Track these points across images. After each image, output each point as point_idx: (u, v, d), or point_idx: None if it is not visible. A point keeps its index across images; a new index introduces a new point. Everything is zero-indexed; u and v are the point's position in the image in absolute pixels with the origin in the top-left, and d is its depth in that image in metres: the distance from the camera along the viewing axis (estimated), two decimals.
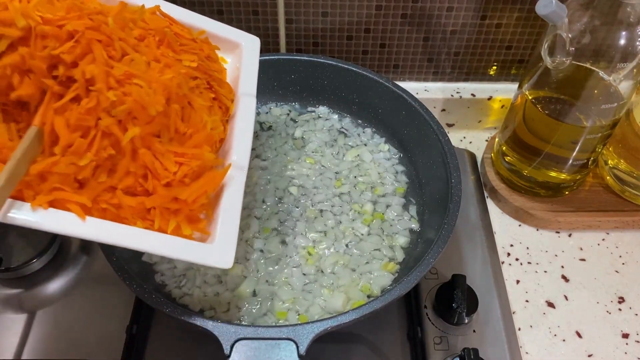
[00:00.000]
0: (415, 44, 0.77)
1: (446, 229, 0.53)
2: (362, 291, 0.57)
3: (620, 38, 0.55)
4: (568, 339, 0.62)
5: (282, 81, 0.72)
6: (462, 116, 0.83)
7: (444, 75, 0.81)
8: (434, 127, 0.62)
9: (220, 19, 0.73)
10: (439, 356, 0.57)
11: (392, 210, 0.65)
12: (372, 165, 0.69)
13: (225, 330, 0.46)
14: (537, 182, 0.71)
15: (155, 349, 0.58)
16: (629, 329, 0.63)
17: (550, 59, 0.58)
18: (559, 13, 0.53)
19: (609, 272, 0.68)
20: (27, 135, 0.40)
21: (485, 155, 0.78)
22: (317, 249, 0.60)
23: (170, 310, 0.47)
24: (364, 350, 0.59)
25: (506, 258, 0.69)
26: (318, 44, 0.77)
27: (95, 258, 0.66)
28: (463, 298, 0.58)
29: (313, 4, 0.71)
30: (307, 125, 0.73)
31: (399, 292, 0.49)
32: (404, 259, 0.61)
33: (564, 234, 0.72)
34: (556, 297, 0.66)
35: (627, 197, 0.72)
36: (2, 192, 0.37)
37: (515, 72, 0.81)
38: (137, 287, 0.48)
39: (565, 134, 0.64)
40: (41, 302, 0.62)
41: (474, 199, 0.73)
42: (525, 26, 0.74)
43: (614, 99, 0.60)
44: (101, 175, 0.42)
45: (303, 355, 0.45)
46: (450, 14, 0.73)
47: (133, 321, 0.58)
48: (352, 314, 0.47)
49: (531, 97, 0.65)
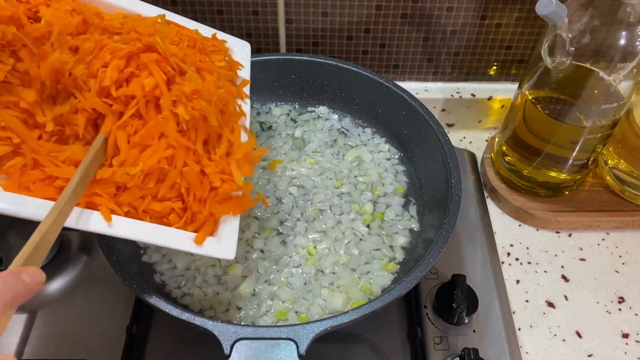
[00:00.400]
0: (415, 44, 0.77)
1: (446, 229, 0.53)
2: (362, 291, 0.57)
3: (620, 38, 0.55)
4: (568, 339, 0.62)
5: (282, 81, 0.72)
6: (462, 116, 0.83)
7: (444, 75, 0.81)
8: (434, 127, 0.62)
9: (220, 19, 0.73)
10: (439, 356, 0.57)
11: (392, 210, 0.65)
12: (372, 165, 0.69)
13: (225, 330, 0.46)
14: (537, 182, 0.71)
15: (155, 349, 0.58)
16: (629, 329, 0.63)
17: (550, 59, 0.58)
18: (559, 13, 0.53)
19: (609, 272, 0.68)
20: (95, 142, 0.43)
21: (485, 155, 0.78)
22: (317, 249, 0.60)
23: (170, 310, 0.47)
24: (364, 350, 0.59)
25: (506, 258, 0.69)
26: (318, 44, 0.77)
27: (95, 258, 0.66)
28: (463, 298, 0.58)
29: (313, 4, 0.71)
30: (307, 125, 0.73)
31: (399, 292, 0.49)
32: (404, 259, 0.61)
33: (564, 234, 0.72)
34: (556, 297, 0.66)
35: (627, 197, 0.72)
36: (76, 190, 0.40)
37: (515, 72, 0.81)
38: (137, 287, 0.48)
39: (565, 134, 0.64)
40: (41, 302, 0.62)
41: (474, 199, 0.73)
42: (525, 26, 0.74)
43: (614, 99, 0.60)
44: (149, 182, 0.44)
45: (303, 355, 0.45)
46: (450, 14, 0.73)
47: (133, 321, 0.58)
48: (352, 314, 0.47)
49: (531, 97, 0.65)
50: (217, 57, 0.53)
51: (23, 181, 0.41)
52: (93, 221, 0.42)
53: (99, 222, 0.42)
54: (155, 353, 0.58)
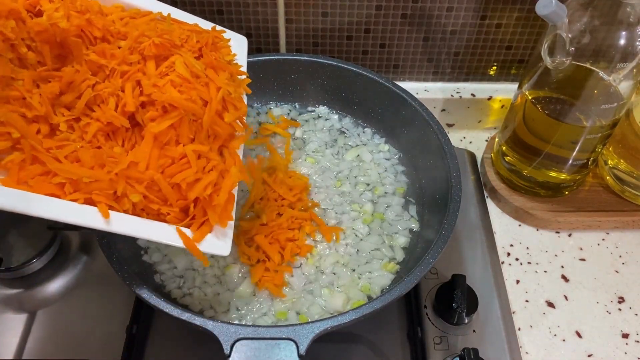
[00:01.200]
0: (415, 44, 0.77)
1: (446, 229, 0.53)
2: (362, 291, 0.57)
3: (620, 38, 0.55)
4: (568, 339, 0.62)
5: (282, 81, 0.72)
6: (462, 116, 0.83)
7: (444, 75, 0.81)
8: (434, 127, 0.62)
9: (220, 18, 0.73)
10: (439, 356, 0.57)
11: (392, 210, 0.65)
12: (372, 165, 0.69)
13: (225, 330, 0.46)
14: (537, 182, 0.71)
15: (155, 349, 0.58)
16: (629, 329, 0.63)
17: (550, 59, 0.58)
18: (559, 13, 0.53)
19: (609, 272, 0.68)
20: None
21: (485, 155, 0.78)
22: (317, 248, 0.60)
23: (170, 310, 0.47)
24: (364, 350, 0.59)
25: (506, 258, 0.69)
26: (318, 44, 0.77)
27: (95, 258, 0.66)
28: (463, 298, 0.58)
29: (313, 4, 0.71)
30: (307, 125, 0.73)
31: (399, 292, 0.49)
32: (404, 259, 0.61)
33: (564, 234, 0.72)
34: (556, 297, 0.66)
35: (627, 197, 0.72)
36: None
37: (515, 72, 0.81)
38: (137, 287, 0.48)
39: (565, 134, 0.64)
40: (41, 302, 0.62)
41: (474, 199, 0.73)
42: (525, 26, 0.74)
43: (614, 99, 0.60)
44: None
45: (303, 355, 0.45)
46: (450, 14, 0.73)
47: (133, 321, 0.58)
48: (352, 314, 0.47)
49: (531, 97, 0.65)
50: (224, 51, 0.54)
51: (22, 176, 0.41)
52: (90, 217, 0.42)
53: (97, 218, 0.42)
54: (155, 353, 0.58)
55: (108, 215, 0.42)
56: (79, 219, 0.41)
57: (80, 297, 0.62)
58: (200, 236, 0.45)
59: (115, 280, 0.49)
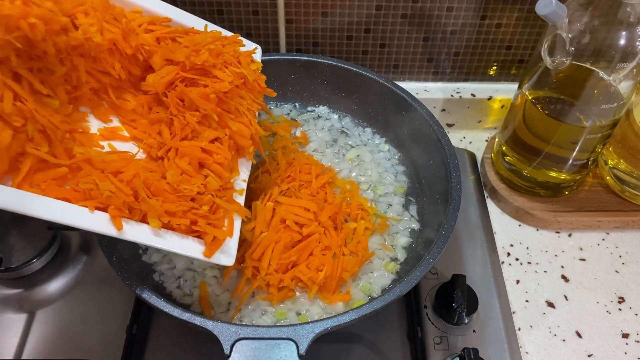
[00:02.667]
0: (415, 44, 0.77)
1: (446, 229, 0.53)
2: (362, 291, 0.57)
3: (620, 38, 0.55)
4: (568, 339, 0.62)
5: (282, 81, 0.72)
6: (462, 116, 0.83)
7: (444, 75, 0.81)
8: (434, 127, 0.62)
9: (221, 19, 0.73)
10: (439, 356, 0.57)
11: (392, 210, 0.65)
12: (372, 165, 0.69)
13: (225, 330, 0.46)
14: (537, 182, 0.71)
15: (155, 349, 0.58)
16: (629, 329, 0.63)
17: (550, 59, 0.58)
18: (559, 13, 0.53)
19: (609, 272, 0.68)
20: None
21: (485, 155, 0.78)
22: None
23: (170, 310, 0.47)
24: (364, 350, 0.59)
25: (506, 258, 0.69)
26: (318, 44, 0.77)
27: (95, 258, 0.66)
28: (463, 298, 0.58)
29: (313, 4, 0.71)
30: (307, 125, 0.73)
31: (399, 292, 0.49)
32: (405, 259, 0.61)
33: (564, 234, 0.72)
34: (556, 297, 0.66)
35: (627, 197, 0.72)
36: None
37: (515, 72, 0.81)
38: (137, 287, 0.48)
39: (565, 134, 0.64)
40: (41, 302, 0.62)
41: (474, 199, 0.73)
42: (525, 26, 0.74)
43: (614, 99, 0.60)
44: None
45: (303, 355, 0.45)
46: (450, 14, 0.73)
47: (133, 321, 0.58)
48: (352, 314, 0.47)
49: (531, 97, 0.65)
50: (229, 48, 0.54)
51: (35, 179, 0.40)
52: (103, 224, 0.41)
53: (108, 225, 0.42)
54: (155, 353, 0.58)
55: (121, 227, 0.42)
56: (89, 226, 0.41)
57: (80, 297, 0.62)
58: (211, 252, 0.46)
59: (115, 280, 0.49)
